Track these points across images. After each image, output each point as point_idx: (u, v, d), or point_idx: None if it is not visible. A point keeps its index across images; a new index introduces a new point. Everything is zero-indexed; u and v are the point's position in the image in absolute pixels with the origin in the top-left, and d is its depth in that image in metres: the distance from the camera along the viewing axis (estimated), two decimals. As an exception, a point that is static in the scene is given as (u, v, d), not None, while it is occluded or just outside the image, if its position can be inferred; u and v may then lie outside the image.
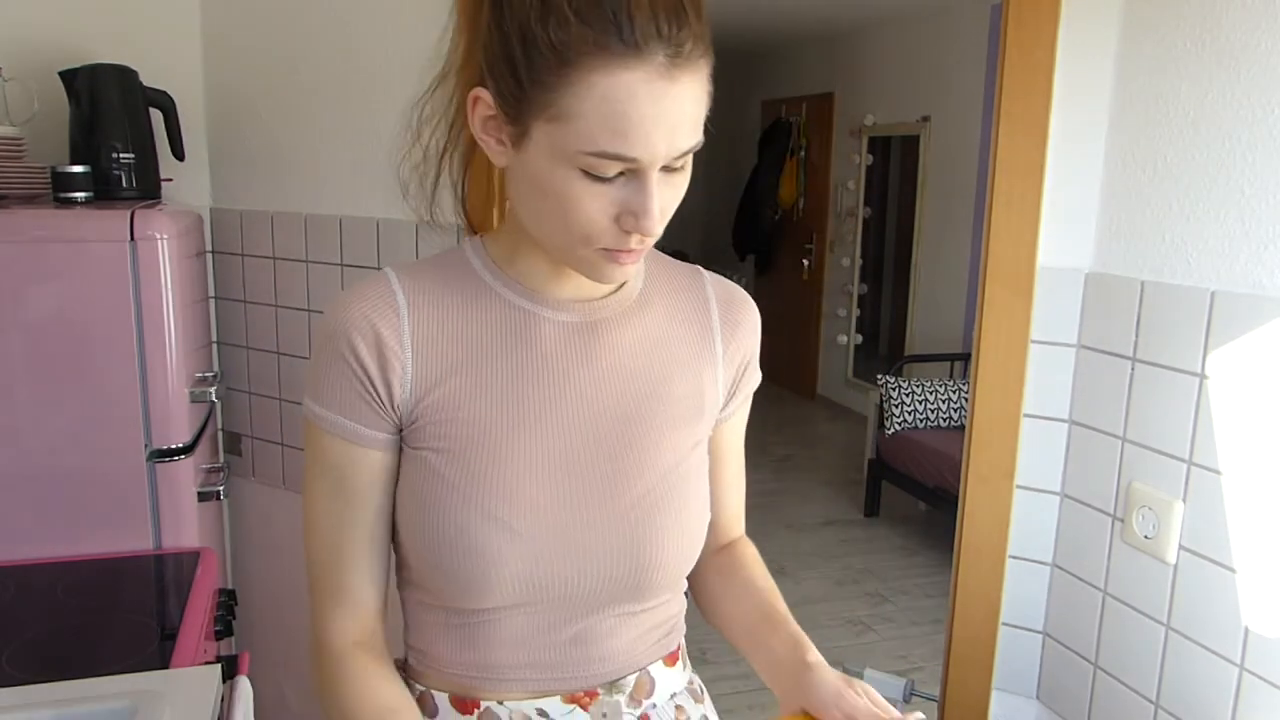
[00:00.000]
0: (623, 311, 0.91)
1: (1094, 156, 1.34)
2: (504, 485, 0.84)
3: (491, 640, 0.88)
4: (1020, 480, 1.44)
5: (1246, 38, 1.14)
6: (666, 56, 0.71)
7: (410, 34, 1.80)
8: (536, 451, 0.86)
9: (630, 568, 0.87)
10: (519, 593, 0.85)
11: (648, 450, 0.88)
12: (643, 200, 0.75)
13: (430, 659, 0.91)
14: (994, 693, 1.50)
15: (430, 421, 0.85)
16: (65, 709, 1.01)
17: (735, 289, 1.00)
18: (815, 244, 6.70)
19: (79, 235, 1.59)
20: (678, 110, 0.73)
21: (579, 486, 0.86)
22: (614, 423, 0.88)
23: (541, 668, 0.89)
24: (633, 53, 0.70)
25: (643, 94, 0.71)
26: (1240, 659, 1.16)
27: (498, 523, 0.83)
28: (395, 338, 0.84)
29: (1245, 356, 1.14)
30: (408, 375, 0.84)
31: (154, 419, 1.65)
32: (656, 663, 0.95)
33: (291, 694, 2.20)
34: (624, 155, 0.73)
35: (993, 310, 1.42)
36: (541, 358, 0.87)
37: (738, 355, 0.97)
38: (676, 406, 0.91)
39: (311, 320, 2.02)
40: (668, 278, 0.96)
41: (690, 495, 0.92)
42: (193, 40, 2.09)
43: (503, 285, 0.88)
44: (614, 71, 0.71)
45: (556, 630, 0.88)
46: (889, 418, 4.56)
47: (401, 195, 0.94)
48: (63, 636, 1.37)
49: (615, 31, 0.70)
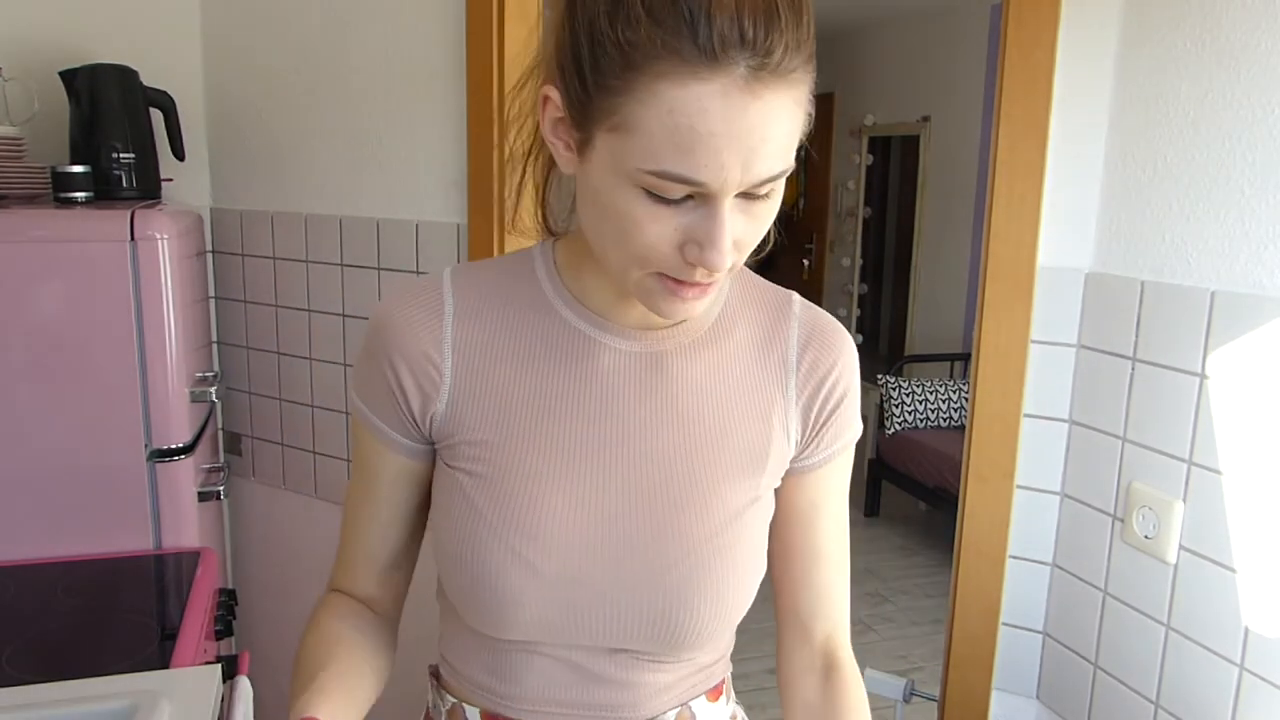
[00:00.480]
0: (693, 342, 0.82)
1: (1094, 156, 1.34)
2: (535, 523, 0.77)
3: (514, 671, 0.83)
4: (1020, 480, 1.44)
5: (1246, 38, 1.14)
6: (749, 68, 0.61)
7: (411, 34, 1.80)
8: (574, 492, 0.78)
9: (662, 629, 0.79)
10: (541, 633, 0.79)
11: (697, 506, 0.79)
12: (710, 230, 0.66)
13: (460, 675, 0.87)
14: (994, 693, 1.50)
15: (465, 441, 0.79)
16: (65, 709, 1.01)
17: (826, 321, 0.87)
18: (815, 244, 6.70)
19: (79, 235, 1.59)
20: (759, 131, 0.63)
21: (616, 536, 0.78)
22: (665, 470, 0.79)
23: (566, 705, 0.83)
24: (707, 61, 0.61)
25: (716, 109, 0.61)
26: (1240, 659, 1.16)
27: (523, 562, 0.76)
28: (435, 347, 0.79)
29: (1245, 356, 1.14)
30: (444, 388, 0.79)
31: (154, 419, 1.65)
32: (699, 698, 0.87)
33: (291, 694, 2.20)
34: (689, 179, 0.63)
35: (993, 310, 1.42)
36: (595, 390, 0.79)
37: (817, 397, 0.84)
38: (737, 458, 0.81)
39: (312, 320, 2.03)
40: (752, 303, 0.86)
41: (740, 557, 0.81)
42: (193, 40, 2.09)
43: (563, 303, 0.81)
44: (684, 81, 0.61)
45: (580, 670, 0.82)
46: (889, 418, 4.56)
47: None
48: (63, 636, 1.37)
49: (690, 34, 0.60)
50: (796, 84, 0.64)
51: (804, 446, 0.85)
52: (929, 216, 5.62)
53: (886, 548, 4.48)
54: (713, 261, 0.66)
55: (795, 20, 0.63)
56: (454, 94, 1.76)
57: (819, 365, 0.84)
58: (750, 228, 0.69)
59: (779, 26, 0.62)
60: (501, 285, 0.82)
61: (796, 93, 0.65)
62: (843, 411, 0.86)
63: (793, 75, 0.63)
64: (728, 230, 0.66)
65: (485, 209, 1.72)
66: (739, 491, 0.81)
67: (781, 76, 0.63)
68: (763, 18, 0.61)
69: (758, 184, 0.65)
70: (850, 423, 0.87)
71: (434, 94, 1.79)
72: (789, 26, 0.62)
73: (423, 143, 1.82)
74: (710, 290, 0.72)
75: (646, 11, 0.61)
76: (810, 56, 0.65)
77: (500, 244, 1.72)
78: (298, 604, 2.17)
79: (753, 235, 0.70)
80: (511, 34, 1.65)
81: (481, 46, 1.67)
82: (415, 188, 1.85)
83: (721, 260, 0.66)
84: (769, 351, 0.84)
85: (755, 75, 0.62)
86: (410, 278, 1.87)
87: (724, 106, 0.62)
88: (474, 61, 1.69)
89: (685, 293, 0.71)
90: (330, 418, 2.03)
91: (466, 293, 0.81)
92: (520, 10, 1.65)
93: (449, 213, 1.81)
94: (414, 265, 1.86)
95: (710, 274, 0.69)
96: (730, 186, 0.64)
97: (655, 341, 0.81)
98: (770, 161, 0.65)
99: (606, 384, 0.80)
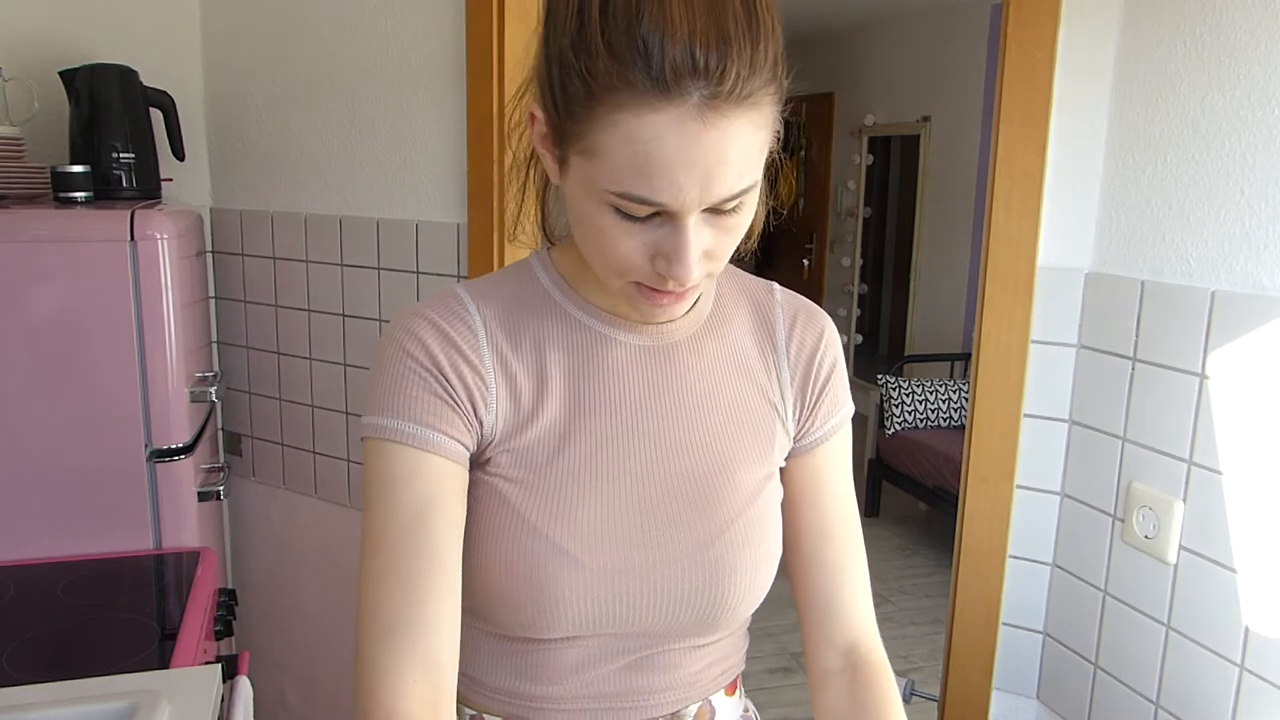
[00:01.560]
0: (696, 333, 0.86)
1: (1094, 156, 1.34)
2: (573, 518, 0.79)
3: (549, 670, 0.84)
4: (1020, 480, 1.44)
5: (1246, 37, 1.14)
6: (703, 96, 0.63)
7: (411, 34, 1.80)
8: (608, 484, 0.81)
9: (705, 605, 0.82)
10: (584, 626, 0.81)
11: (724, 485, 0.83)
12: (676, 246, 0.69)
13: (483, 686, 0.87)
14: (994, 693, 1.50)
15: (504, 450, 0.80)
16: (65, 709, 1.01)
17: (806, 304, 0.92)
18: (815, 244, 6.70)
19: (79, 235, 1.59)
20: (714, 154, 0.65)
21: (653, 522, 0.81)
22: (690, 455, 0.83)
23: (600, 698, 0.85)
24: (661, 91, 0.63)
25: (671, 138, 0.64)
26: (1240, 659, 1.16)
27: (566, 557, 0.78)
28: (479, 360, 0.79)
29: (1245, 356, 1.14)
30: (491, 398, 0.80)
31: (154, 419, 1.65)
32: (718, 692, 0.91)
33: (291, 694, 2.20)
34: (650, 200, 0.67)
35: (993, 310, 1.42)
36: (614, 385, 0.83)
37: (808, 375, 0.89)
38: (750, 437, 0.86)
39: (312, 320, 2.03)
40: (740, 295, 0.91)
41: (767, 531, 0.85)
42: (193, 40, 2.09)
43: (574, 305, 0.84)
44: (640, 111, 0.63)
45: (617, 659, 0.84)
46: (889, 418, 4.56)
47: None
48: (63, 636, 1.37)
49: (644, 66, 0.62)
50: (755, 106, 0.66)
51: (801, 425, 0.89)
52: (929, 216, 5.63)
53: (886, 548, 4.48)
54: (680, 275, 0.70)
55: (752, 43, 0.64)
56: (454, 94, 1.76)
57: (805, 344, 0.89)
58: (721, 239, 0.72)
59: (732, 53, 0.63)
60: (513, 299, 0.84)
61: (755, 115, 0.66)
62: (833, 385, 0.90)
63: (750, 99, 0.65)
64: (693, 246, 0.69)
65: (485, 209, 1.72)
66: (756, 469, 0.86)
67: (737, 102, 0.64)
68: (716, 45, 0.62)
69: (719, 202, 0.68)
70: (842, 397, 0.92)
71: (434, 94, 1.79)
72: (744, 51, 0.63)
73: (423, 143, 1.82)
74: (687, 296, 0.76)
75: (605, 44, 0.64)
76: (773, 74, 0.66)
77: (500, 244, 1.72)
78: (298, 604, 2.17)
79: (725, 245, 0.73)
80: (511, 34, 1.65)
81: (482, 46, 1.67)
82: (415, 188, 1.85)
83: (688, 274, 0.70)
84: (761, 335, 0.89)
85: (709, 104, 0.63)
86: (410, 277, 1.88)
87: (679, 135, 0.64)
88: (474, 61, 1.69)
89: (661, 300, 0.75)
90: (330, 418, 2.03)
91: (487, 307, 0.82)
92: (520, 10, 1.65)
93: (449, 213, 1.81)
94: (414, 265, 1.86)
95: (682, 284, 0.72)
96: (691, 206, 0.67)
97: (662, 335, 0.85)
98: (729, 181, 0.67)
99: (623, 378, 0.83)
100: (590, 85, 0.65)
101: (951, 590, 1.54)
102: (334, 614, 2.09)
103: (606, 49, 0.64)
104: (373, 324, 1.94)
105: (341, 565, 2.05)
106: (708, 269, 0.73)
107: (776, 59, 0.67)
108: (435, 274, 1.84)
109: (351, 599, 0.79)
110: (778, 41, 0.67)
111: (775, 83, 0.67)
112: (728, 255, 0.74)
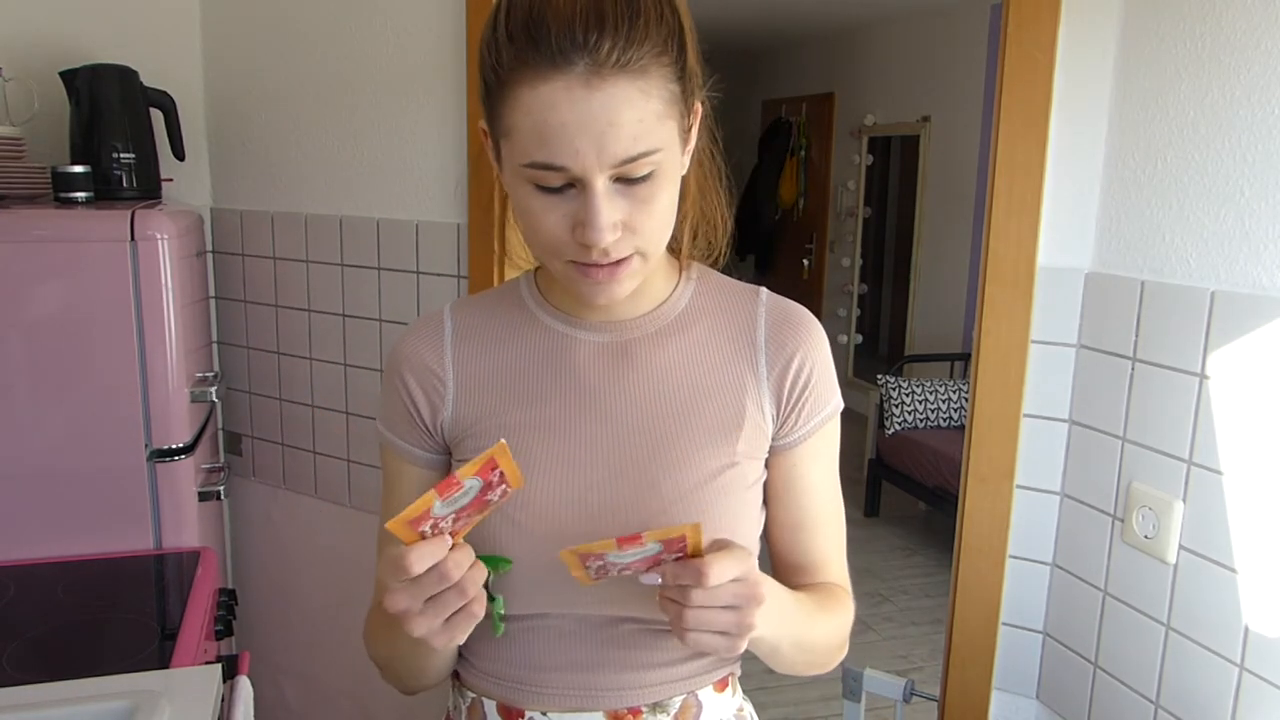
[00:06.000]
0: (657, 331, 0.92)
1: (1094, 156, 1.34)
2: (526, 492, 0.84)
3: (531, 651, 0.89)
4: (1020, 480, 1.44)
5: (1246, 38, 1.14)
6: (586, 65, 0.72)
7: (411, 33, 1.80)
8: (561, 465, 0.88)
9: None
10: (543, 600, 0.87)
11: (671, 469, 0.88)
12: (587, 211, 0.76)
13: (477, 669, 0.93)
14: (994, 693, 1.50)
15: (467, 435, 0.91)
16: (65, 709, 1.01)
17: (793, 309, 0.96)
18: (815, 244, 6.70)
19: (79, 235, 1.59)
20: (604, 116, 0.73)
21: (600, 499, 0.87)
22: (640, 439, 0.89)
23: (581, 680, 0.89)
24: (549, 63, 0.72)
25: (562, 102, 0.73)
26: (1240, 659, 1.16)
27: (516, 526, 0.86)
28: (438, 362, 0.92)
29: (1245, 356, 1.14)
30: (449, 395, 0.92)
31: (154, 419, 1.65)
32: (706, 688, 0.93)
33: (291, 694, 2.20)
34: (552, 164, 0.74)
35: (993, 310, 1.42)
36: (573, 375, 0.91)
37: (786, 374, 0.92)
38: (707, 425, 0.90)
39: (312, 320, 2.03)
40: (718, 299, 0.95)
41: (718, 517, 0.88)
42: (193, 40, 2.09)
43: (545, 313, 0.94)
44: (535, 85, 0.73)
45: (591, 638, 0.89)
46: (889, 417, 4.56)
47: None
48: (63, 636, 1.37)
49: (534, 45, 0.73)
50: (641, 74, 0.74)
51: (782, 423, 0.93)
52: (929, 216, 5.63)
53: (886, 548, 4.48)
54: (593, 239, 0.76)
55: (630, 19, 0.73)
56: (454, 94, 1.76)
57: (786, 344, 0.93)
58: (639, 210, 0.78)
59: (608, 29, 0.72)
60: (491, 309, 0.95)
61: (642, 82, 0.74)
62: (816, 387, 0.93)
63: (631, 67, 0.73)
64: (603, 209, 0.76)
65: (485, 209, 1.72)
66: (713, 457, 0.89)
67: (620, 69, 0.73)
68: (594, 22, 0.72)
69: (619, 164, 0.75)
70: (826, 398, 0.95)
71: (434, 94, 1.79)
72: (620, 26, 0.73)
73: (423, 143, 1.83)
74: (620, 273, 0.81)
75: (508, 36, 0.74)
76: (664, 48, 0.75)
77: (500, 244, 1.72)
78: (298, 604, 2.17)
79: (643, 217, 0.78)
80: (511, 34, 1.65)
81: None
82: (415, 188, 1.86)
83: (600, 237, 0.76)
84: (738, 336, 0.93)
85: (593, 70, 0.72)
86: (410, 277, 1.88)
87: (568, 99, 0.73)
88: (474, 61, 1.69)
89: (595, 275, 0.80)
90: (330, 418, 2.03)
91: (463, 317, 0.95)
92: (520, 10, 1.65)
93: (449, 213, 1.81)
94: (414, 265, 1.87)
95: (605, 254, 0.78)
96: (593, 169, 0.74)
97: (623, 331, 0.92)
98: (625, 143, 0.74)
99: (583, 372, 0.91)
100: (500, 74, 0.75)
101: (951, 590, 1.54)
102: (334, 614, 2.09)
103: (509, 40, 0.74)
104: (373, 324, 1.95)
105: (341, 565, 2.05)
106: (634, 244, 0.79)
107: (669, 36, 0.76)
108: (435, 274, 1.84)
109: (351, 598, 0.80)
110: (669, 21, 0.76)
111: (667, 55, 0.75)
112: (655, 231, 0.80)
